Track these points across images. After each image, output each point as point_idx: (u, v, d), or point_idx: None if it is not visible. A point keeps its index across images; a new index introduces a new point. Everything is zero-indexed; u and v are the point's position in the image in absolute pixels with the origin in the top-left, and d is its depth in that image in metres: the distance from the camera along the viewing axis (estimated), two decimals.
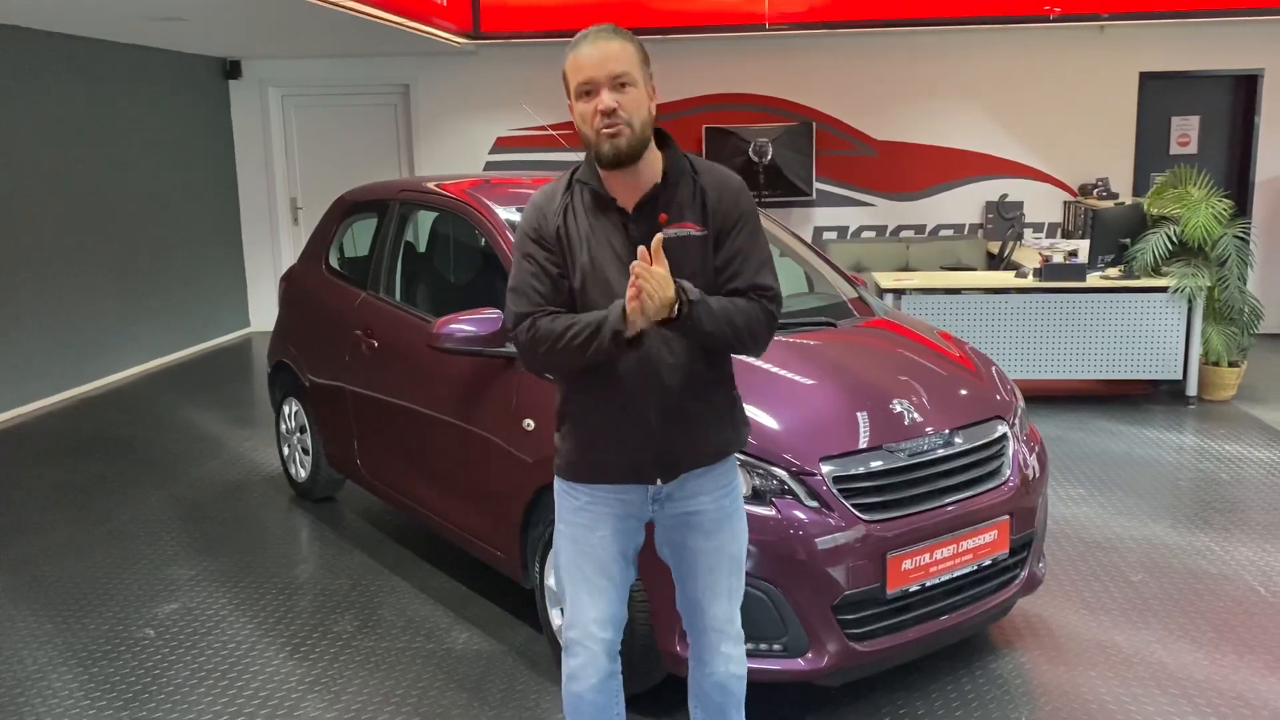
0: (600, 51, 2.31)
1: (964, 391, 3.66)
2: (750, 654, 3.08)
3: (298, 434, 5.33)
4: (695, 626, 2.67)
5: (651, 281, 2.22)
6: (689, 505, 2.54)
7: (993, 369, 3.90)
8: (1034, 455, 3.67)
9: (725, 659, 2.65)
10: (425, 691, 3.53)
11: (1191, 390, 6.97)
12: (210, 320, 9.72)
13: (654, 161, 2.43)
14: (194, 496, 5.51)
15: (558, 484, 2.62)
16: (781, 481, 3.13)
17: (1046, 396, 7.15)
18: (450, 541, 4.25)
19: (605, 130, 2.31)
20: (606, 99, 2.30)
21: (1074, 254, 7.58)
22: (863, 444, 3.24)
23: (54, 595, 4.34)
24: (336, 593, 4.32)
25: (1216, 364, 7.03)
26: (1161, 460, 5.85)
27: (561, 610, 3.49)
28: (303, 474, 5.36)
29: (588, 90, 2.32)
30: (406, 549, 4.75)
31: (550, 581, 3.54)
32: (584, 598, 2.55)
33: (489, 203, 4.17)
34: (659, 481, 2.50)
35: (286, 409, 5.40)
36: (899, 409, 3.36)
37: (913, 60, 9.43)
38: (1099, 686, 3.48)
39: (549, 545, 3.52)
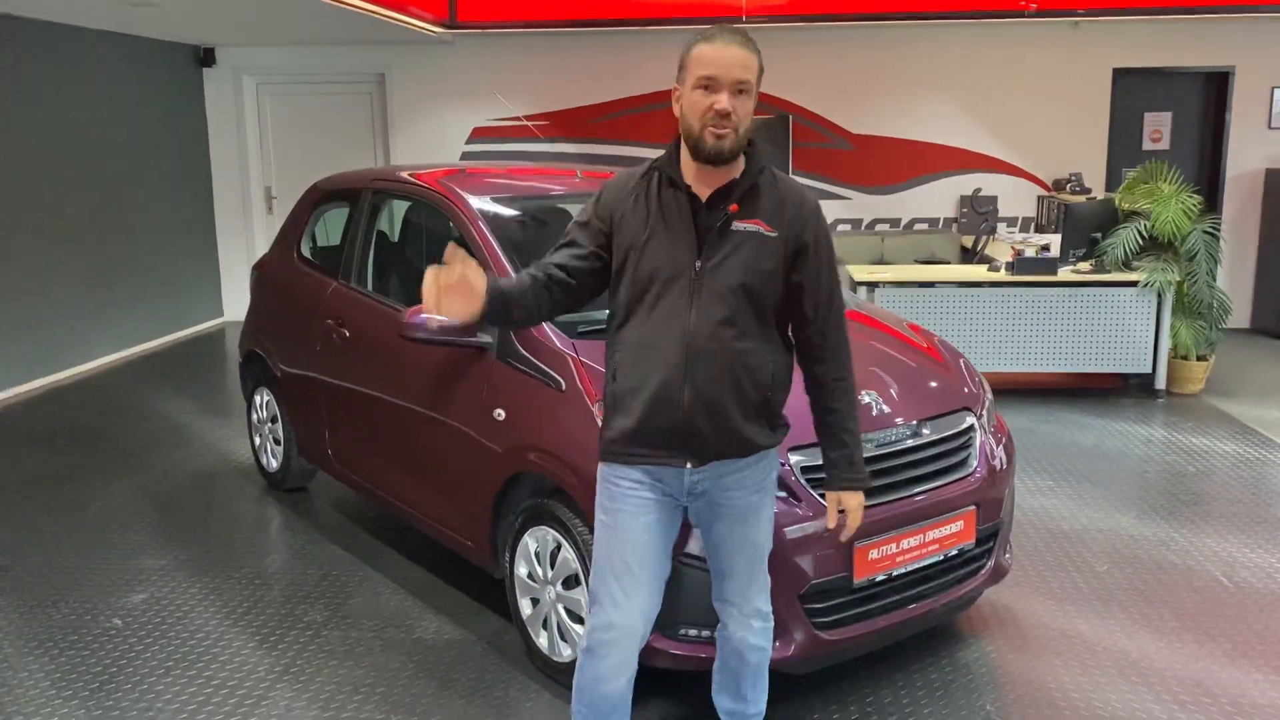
0: (731, 54, 2.39)
1: (932, 383, 3.69)
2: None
3: (269, 424, 5.30)
4: (718, 595, 2.75)
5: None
6: (721, 498, 2.61)
7: (961, 361, 3.93)
8: (1001, 447, 3.71)
9: (744, 627, 2.72)
10: (394, 680, 3.53)
11: (1160, 384, 7.05)
12: (184, 310, 9.65)
13: (739, 162, 2.52)
14: (165, 486, 5.47)
15: (601, 470, 2.64)
16: None
17: (1018, 389, 7.21)
18: (421, 531, 4.25)
19: (715, 129, 2.40)
20: (725, 101, 2.38)
21: (1046, 248, 7.64)
22: None
23: (22, 585, 4.30)
24: (306, 583, 4.31)
25: (1185, 358, 7.11)
26: (1129, 453, 5.91)
27: (535, 599, 3.52)
28: (274, 464, 5.33)
29: (707, 85, 2.39)
30: (378, 539, 4.74)
31: (521, 571, 3.55)
32: (622, 592, 2.56)
33: (461, 192, 4.16)
34: (689, 465, 2.54)
35: (258, 399, 5.38)
36: (867, 400, 3.38)
37: (889, 54, 9.46)
38: (1062, 675, 3.52)
39: (519, 535, 3.53)
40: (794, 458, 3.15)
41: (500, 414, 3.57)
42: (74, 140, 8.13)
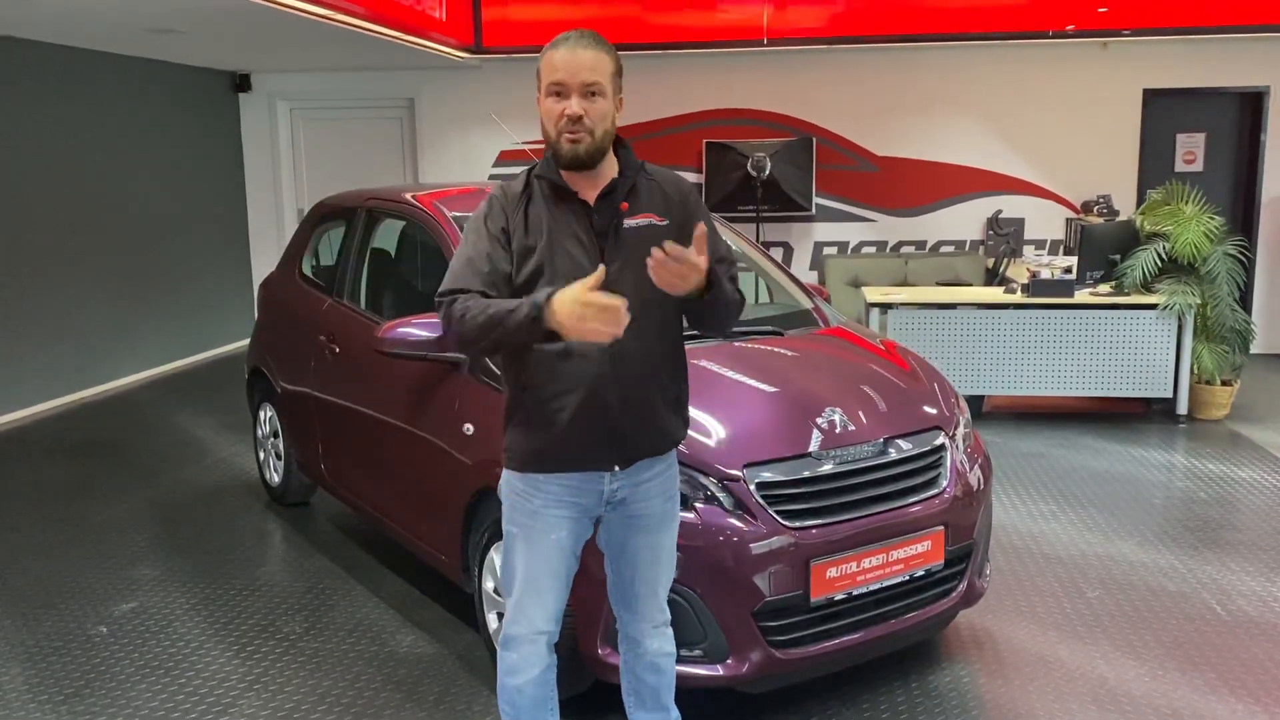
0: (577, 57, 2.43)
1: (902, 400, 3.64)
2: None
3: (271, 439, 5.39)
4: (629, 614, 2.76)
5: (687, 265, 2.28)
6: (639, 509, 2.62)
7: (936, 379, 3.88)
8: (976, 467, 3.65)
9: (657, 637, 2.77)
10: (361, 692, 3.56)
11: (1182, 409, 6.89)
12: (217, 328, 9.85)
13: (611, 161, 2.55)
14: (172, 499, 5.58)
15: (509, 484, 2.62)
16: (706, 488, 3.13)
17: (1036, 414, 7.10)
18: (402, 545, 4.28)
19: (568, 134, 2.43)
20: (575, 105, 2.42)
21: (1068, 270, 7.51)
22: (790, 451, 3.23)
23: (17, 593, 4.41)
24: (292, 595, 4.36)
25: (1209, 383, 6.94)
26: (1141, 478, 5.78)
27: (500, 614, 3.52)
28: (276, 478, 5.41)
29: (558, 91, 2.44)
30: (367, 553, 4.79)
31: (489, 586, 3.56)
32: (531, 597, 2.61)
33: (447, 211, 4.21)
34: (616, 469, 2.55)
35: (262, 414, 5.47)
36: (832, 416, 3.36)
37: (914, 76, 9.40)
38: (1034, 701, 3.44)
39: (486, 549, 3.54)
40: (750, 474, 3.14)
41: (469, 428, 3.60)
42: (113, 163, 8.38)
